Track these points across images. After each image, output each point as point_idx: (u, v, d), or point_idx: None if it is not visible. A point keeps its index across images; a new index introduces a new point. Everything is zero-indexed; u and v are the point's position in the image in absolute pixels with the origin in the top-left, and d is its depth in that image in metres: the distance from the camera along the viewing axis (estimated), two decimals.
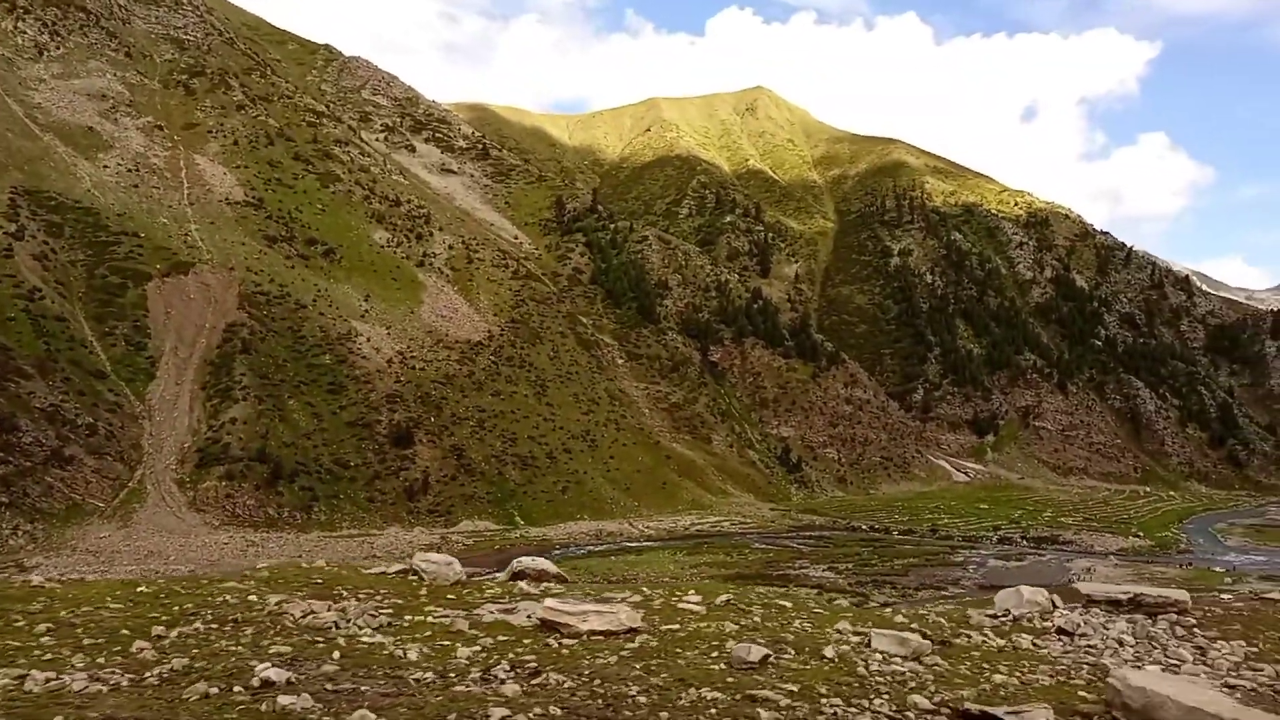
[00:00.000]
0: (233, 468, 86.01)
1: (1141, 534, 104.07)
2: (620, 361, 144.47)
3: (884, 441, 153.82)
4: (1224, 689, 8.88)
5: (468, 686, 8.69)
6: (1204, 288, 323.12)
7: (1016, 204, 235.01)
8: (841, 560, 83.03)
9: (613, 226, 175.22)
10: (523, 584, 14.84)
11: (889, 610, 14.95)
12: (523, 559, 16.09)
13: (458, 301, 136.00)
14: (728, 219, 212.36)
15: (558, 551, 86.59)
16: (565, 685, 8.76)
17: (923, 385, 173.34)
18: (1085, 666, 10.46)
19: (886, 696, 8.77)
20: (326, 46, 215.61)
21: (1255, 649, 11.80)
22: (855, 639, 11.22)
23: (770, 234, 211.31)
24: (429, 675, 9.01)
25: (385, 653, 9.83)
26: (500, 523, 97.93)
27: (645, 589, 14.69)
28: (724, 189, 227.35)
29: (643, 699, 8.35)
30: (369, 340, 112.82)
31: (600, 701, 8.26)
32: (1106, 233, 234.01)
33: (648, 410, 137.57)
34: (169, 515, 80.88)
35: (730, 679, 9.05)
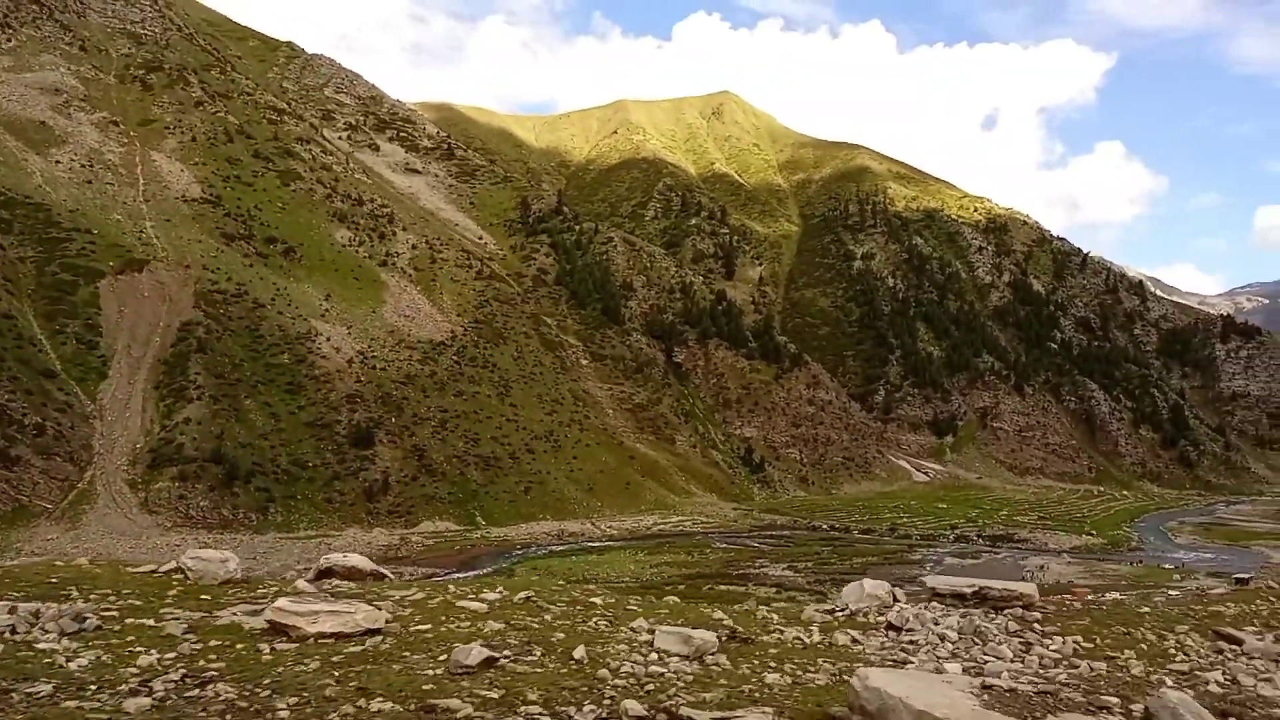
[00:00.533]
0: (186, 468, 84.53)
1: (1094, 532, 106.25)
2: (584, 362, 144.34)
3: (846, 442, 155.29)
4: (980, 689, 8.04)
5: (85, 701, 7.68)
6: (1157, 293, 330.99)
7: (976, 210, 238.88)
8: (801, 559, 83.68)
9: (578, 228, 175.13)
10: (301, 582, 13.16)
11: (713, 607, 13.91)
12: (332, 555, 14.56)
13: (420, 301, 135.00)
14: (693, 221, 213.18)
15: (519, 552, 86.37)
16: (218, 699, 7.90)
17: (884, 387, 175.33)
18: (889, 664, 10.05)
19: (607, 702, 8.07)
20: (289, 44, 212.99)
21: (1090, 644, 11.52)
22: (646, 637, 10.68)
23: (735, 237, 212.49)
24: (49, 688, 7.97)
25: (44, 661, 8.80)
26: (462, 523, 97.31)
27: (452, 586, 13.54)
28: (690, 192, 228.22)
29: (285, 714, 7.51)
30: (329, 340, 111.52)
31: (230, 718, 7.44)
32: (1063, 238, 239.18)
33: (612, 411, 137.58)
34: (120, 517, 79.29)
35: (429, 686, 8.32)
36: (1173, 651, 11.63)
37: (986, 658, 10.58)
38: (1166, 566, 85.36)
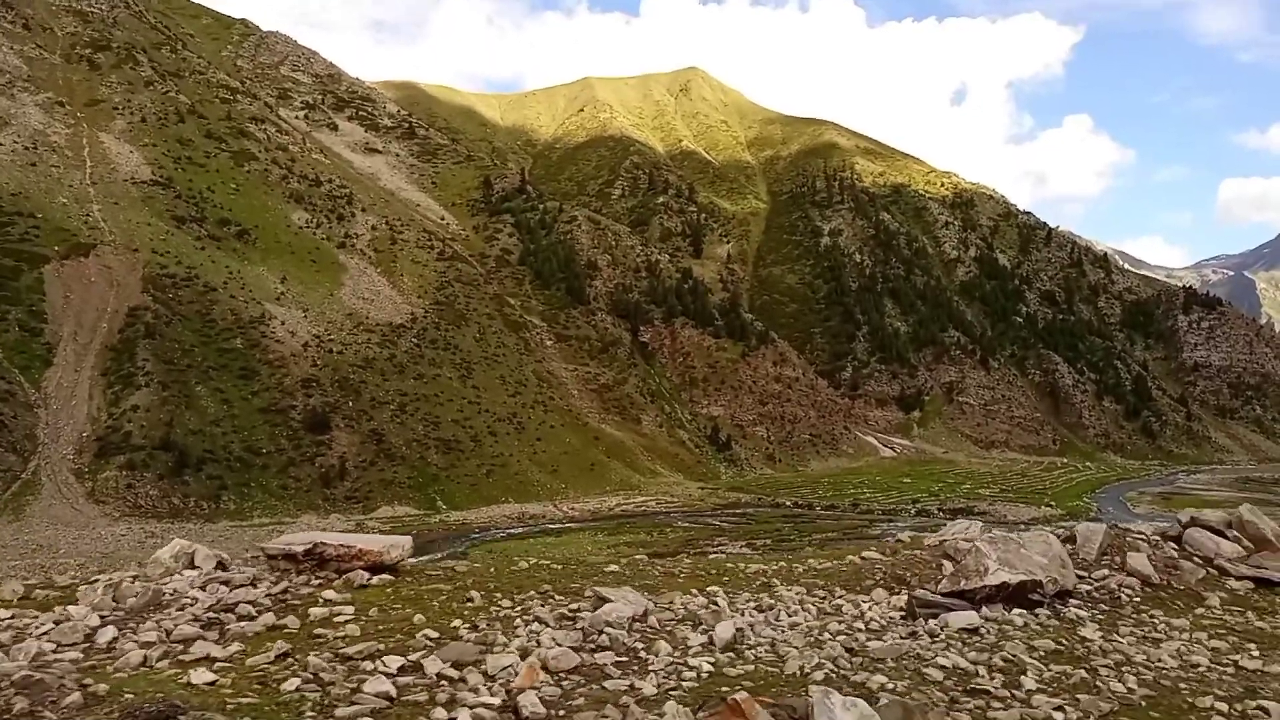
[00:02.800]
0: (134, 457, 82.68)
1: (1053, 503, 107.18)
2: (549, 343, 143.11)
3: (813, 419, 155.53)
4: None
5: None
6: (1126, 266, 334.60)
7: (943, 185, 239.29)
8: (761, 536, 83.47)
9: (542, 207, 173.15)
10: None
11: None
12: None
13: (380, 283, 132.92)
14: (661, 200, 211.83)
15: (476, 535, 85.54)
16: None
17: (851, 363, 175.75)
18: None
19: None
20: (243, 21, 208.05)
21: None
22: None
23: (703, 214, 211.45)
24: None
25: None
26: (422, 508, 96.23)
27: None
28: (657, 170, 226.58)
29: None
30: (284, 323, 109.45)
31: None
32: (1029, 212, 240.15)
33: (576, 391, 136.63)
34: (65, 507, 77.44)
35: None
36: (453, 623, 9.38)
37: (69, 640, 8.56)
38: None
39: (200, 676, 7.57)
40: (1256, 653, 9.89)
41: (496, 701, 7.23)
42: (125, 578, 10.62)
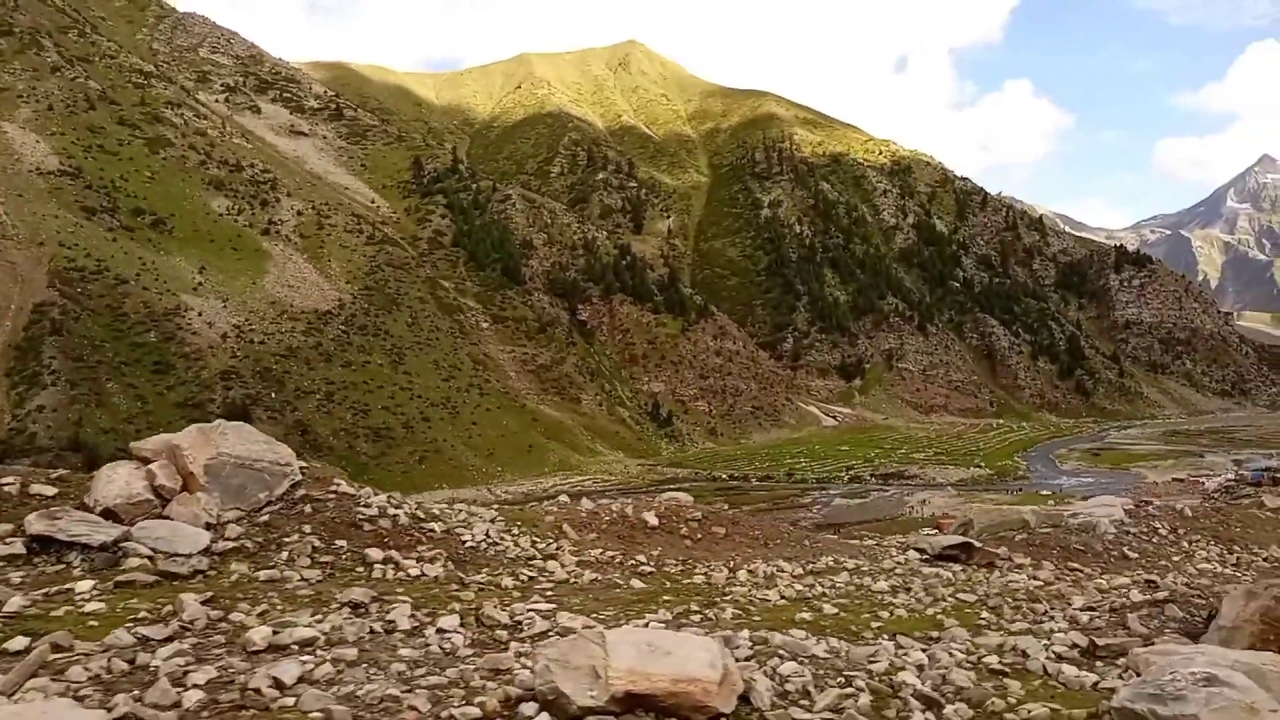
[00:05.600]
0: (40, 459, 79.47)
1: (983, 464, 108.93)
2: (485, 325, 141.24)
3: (754, 391, 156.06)
4: None
5: None
6: (1067, 229, 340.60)
7: (881, 153, 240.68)
8: None
9: (475, 187, 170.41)
10: None
11: None
12: None
13: (306, 270, 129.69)
14: (600, 176, 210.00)
15: None
16: None
17: (792, 334, 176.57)
18: None
19: None
20: (158, 2, 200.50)
21: None
22: None
23: (643, 190, 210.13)
24: None
25: None
26: None
27: None
28: (596, 146, 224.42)
29: None
30: (201, 315, 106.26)
31: None
32: (965, 178, 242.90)
33: (514, 373, 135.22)
34: None
35: None
36: None
37: None
38: (1044, 492, 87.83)
39: None
40: None
41: None
42: None
